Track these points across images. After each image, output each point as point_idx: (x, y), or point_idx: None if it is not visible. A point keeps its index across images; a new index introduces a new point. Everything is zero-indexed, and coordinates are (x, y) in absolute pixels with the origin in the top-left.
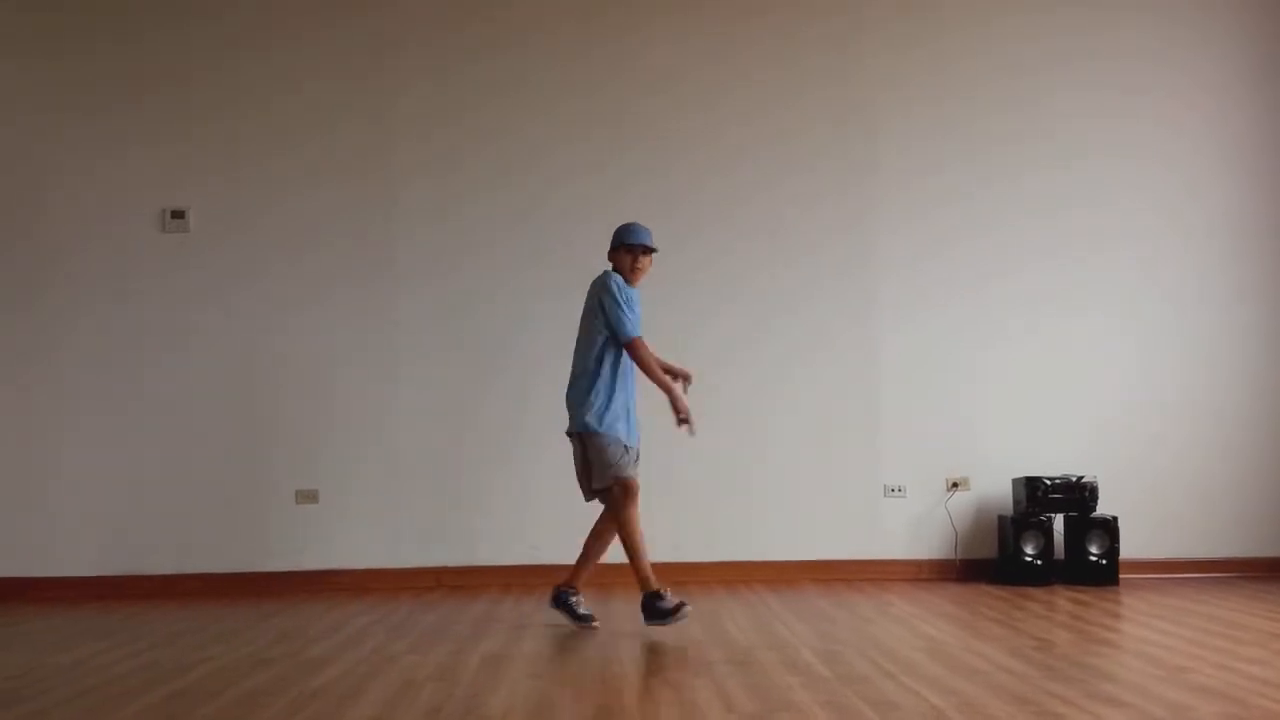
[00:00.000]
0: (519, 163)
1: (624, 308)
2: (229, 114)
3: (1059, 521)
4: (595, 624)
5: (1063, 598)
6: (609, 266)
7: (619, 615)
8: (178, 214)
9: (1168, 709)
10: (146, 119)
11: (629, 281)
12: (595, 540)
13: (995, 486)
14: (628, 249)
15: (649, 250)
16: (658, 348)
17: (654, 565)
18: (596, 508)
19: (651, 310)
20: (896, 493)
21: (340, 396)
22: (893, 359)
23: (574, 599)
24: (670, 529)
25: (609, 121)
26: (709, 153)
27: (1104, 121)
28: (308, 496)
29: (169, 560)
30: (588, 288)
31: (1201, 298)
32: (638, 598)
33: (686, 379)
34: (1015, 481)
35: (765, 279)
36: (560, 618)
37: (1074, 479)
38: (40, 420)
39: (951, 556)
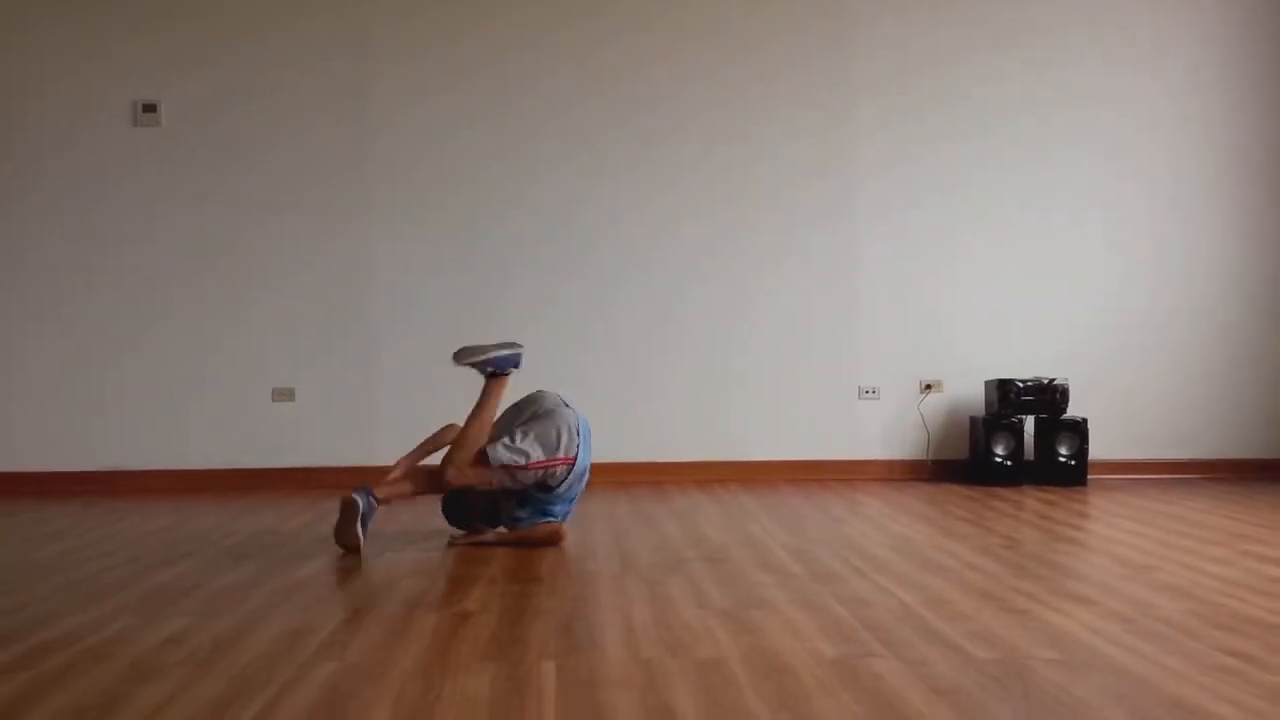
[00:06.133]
0: (502, 47)
1: None
2: (200, 5)
3: (1029, 423)
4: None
5: (1031, 498)
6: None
7: (593, 516)
8: (149, 107)
9: (1132, 606)
10: (117, 11)
11: None
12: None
13: (968, 388)
14: None
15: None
16: (636, 248)
17: (633, 465)
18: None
19: (630, 212)
20: (870, 394)
21: (317, 293)
22: (869, 262)
23: None
24: (647, 428)
25: (589, 14)
26: (689, 52)
27: (1081, 27)
28: (284, 394)
29: (145, 457)
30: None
31: (1174, 203)
32: (629, 495)
33: None
34: (987, 384)
35: (743, 180)
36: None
37: (1045, 381)
38: (15, 315)
39: (923, 457)
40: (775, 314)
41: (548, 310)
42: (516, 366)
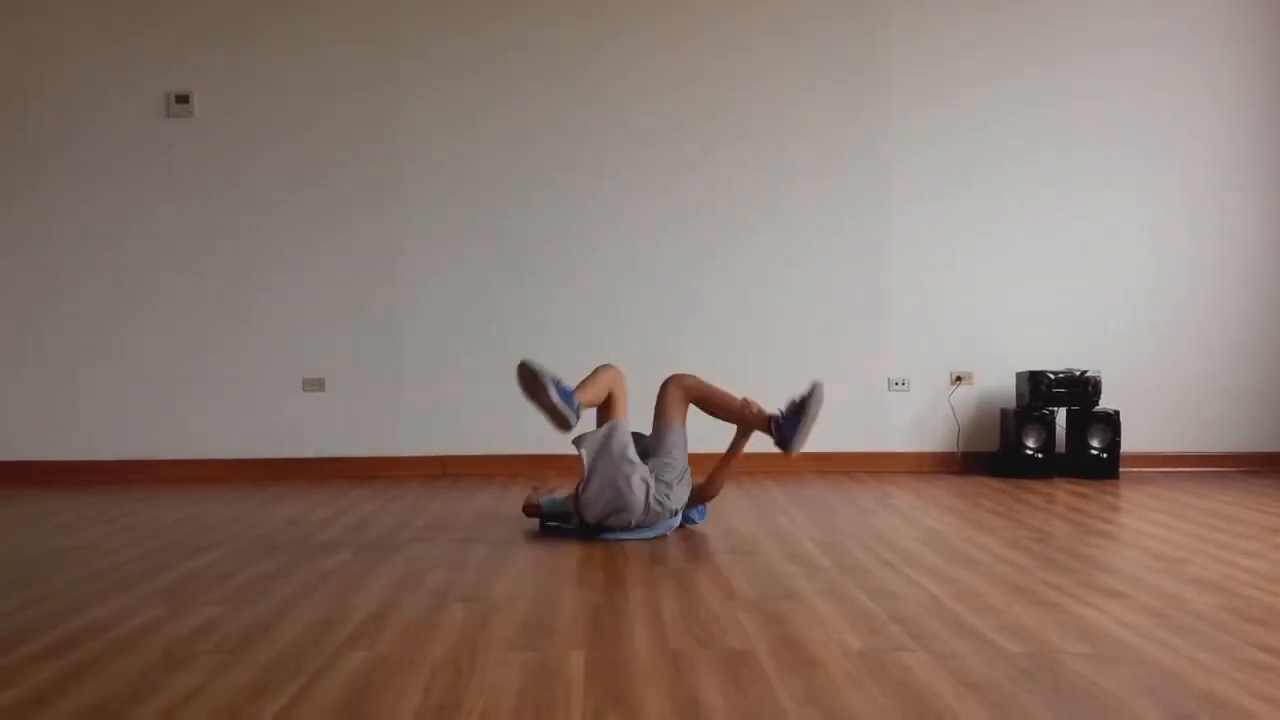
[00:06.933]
0: (528, 32)
1: None
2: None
3: (1061, 415)
4: None
5: (1063, 490)
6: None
7: None
8: (182, 98)
9: (1164, 599)
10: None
11: None
12: None
13: (999, 380)
14: None
15: None
16: (660, 231)
17: None
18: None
19: (653, 196)
20: (900, 386)
21: (348, 283)
22: (899, 251)
23: None
24: None
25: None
26: (716, 33)
27: (1113, 12)
28: (314, 384)
29: (174, 446)
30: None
31: (1209, 193)
32: None
33: None
34: (1019, 375)
35: (770, 166)
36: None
37: (1077, 373)
38: (43, 306)
39: (953, 449)
40: (804, 305)
41: (566, 301)
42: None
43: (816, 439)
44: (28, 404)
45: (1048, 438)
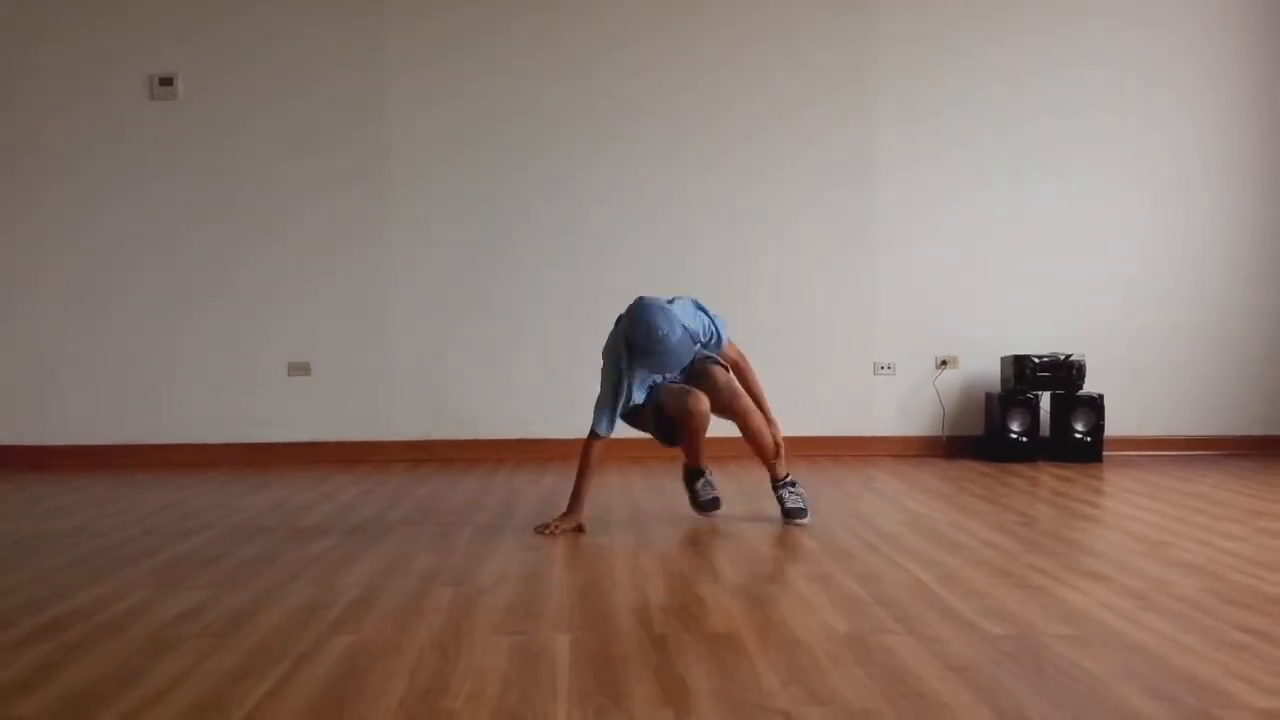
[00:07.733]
0: (515, 6)
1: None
2: None
3: (1045, 399)
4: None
5: (1047, 474)
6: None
7: (608, 490)
8: (166, 80)
9: (1147, 582)
10: None
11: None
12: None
13: (984, 364)
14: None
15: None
16: (644, 210)
17: (646, 439)
18: (583, 384)
19: (636, 172)
20: (886, 370)
21: (334, 266)
22: (885, 235)
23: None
24: None
25: None
26: (703, 6)
27: None
28: (299, 369)
29: (161, 430)
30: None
31: (1197, 179)
32: (642, 469)
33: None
34: (1004, 360)
35: (753, 146)
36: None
37: (1062, 357)
38: (29, 291)
39: (938, 434)
40: (788, 288)
41: (552, 279)
42: None
43: (802, 422)
44: (9, 388)
45: (1032, 421)
